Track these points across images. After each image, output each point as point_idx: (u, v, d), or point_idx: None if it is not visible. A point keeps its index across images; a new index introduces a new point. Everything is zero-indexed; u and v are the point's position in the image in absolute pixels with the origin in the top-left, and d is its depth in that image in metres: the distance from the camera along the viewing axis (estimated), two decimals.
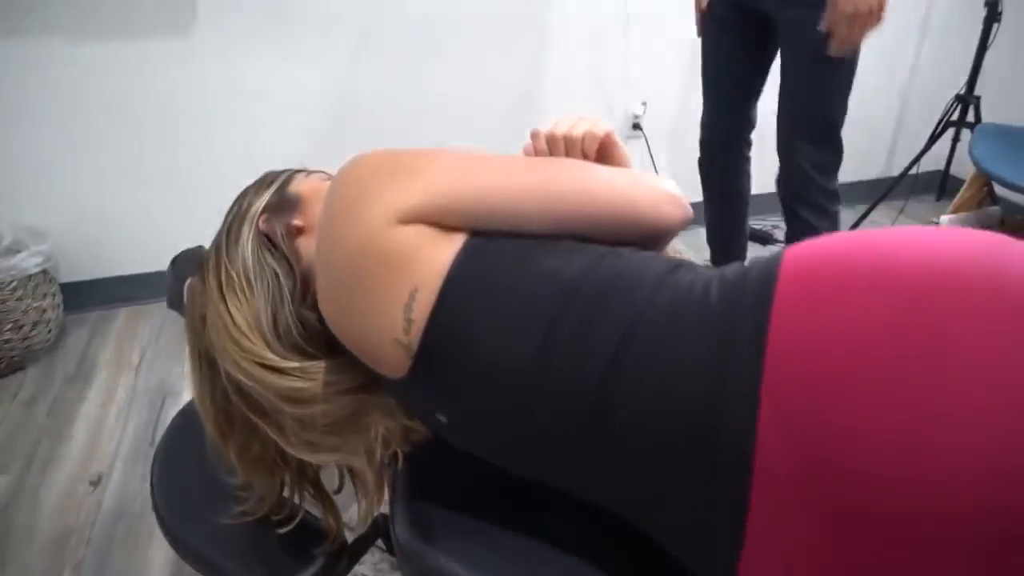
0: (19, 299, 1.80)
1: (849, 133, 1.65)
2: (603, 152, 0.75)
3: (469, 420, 0.67)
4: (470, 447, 0.71)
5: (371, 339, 0.66)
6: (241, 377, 0.70)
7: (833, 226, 1.70)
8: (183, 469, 0.98)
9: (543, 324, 0.60)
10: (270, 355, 0.70)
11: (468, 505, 0.77)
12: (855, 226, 2.49)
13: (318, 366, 0.71)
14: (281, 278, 0.74)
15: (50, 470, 1.57)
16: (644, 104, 2.40)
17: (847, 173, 1.74)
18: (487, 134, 2.28)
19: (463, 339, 0.62)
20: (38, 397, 1.80)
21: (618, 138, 0.75)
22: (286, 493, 0.84)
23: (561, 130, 0.72)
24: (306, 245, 0.78)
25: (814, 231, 1.69)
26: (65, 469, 1.57)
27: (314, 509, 0.85)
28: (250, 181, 0.87)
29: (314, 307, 0.73)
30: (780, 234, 2.54)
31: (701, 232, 2.55)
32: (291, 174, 0.87)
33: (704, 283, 0.60)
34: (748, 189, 1.96)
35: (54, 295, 1.94)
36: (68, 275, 2.06)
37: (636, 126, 2.42)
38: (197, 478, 0.94)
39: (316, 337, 0.73)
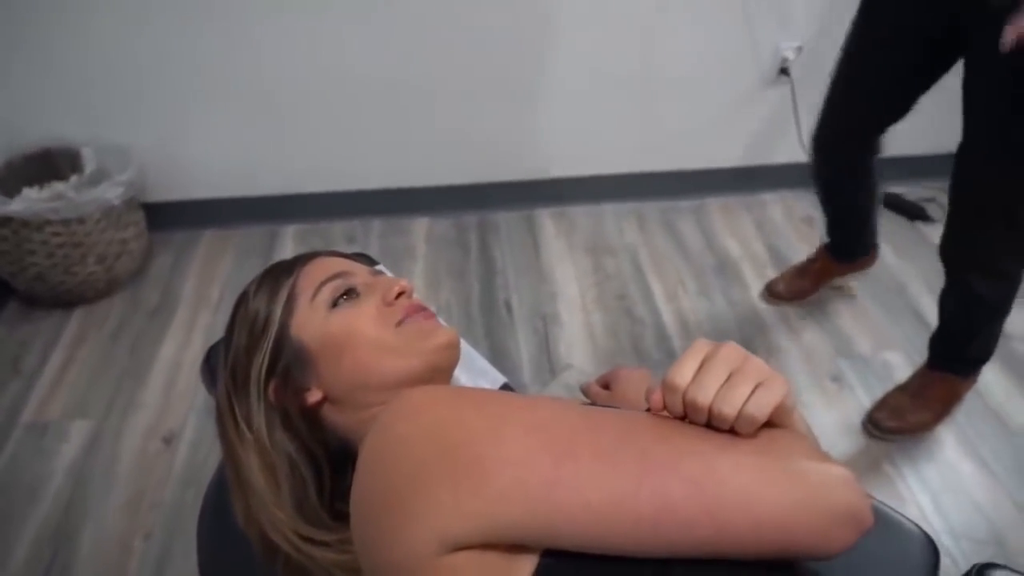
0: (103, 231, 1.76)
1: None
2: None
3: None
4: None
5: None
6: (278, 541, 0.63)
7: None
8: (229, 530, 0.92)
9: None
10: (305, 527, 0.63)
11: None
12: None
13: None
14: (302, 469, 0.65)
15: (128, 419, 1.59)
16: (799, 48, 1.99)
17: None
18: (601, 70, 1.97)
19: None
20: (122, 330, 1.81)
21: (792, 400, 0.49)
22: None
23: (707, 395, 0.47)
24: (331, 415, 0.67)
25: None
26: (141, 420, 1.59)
27: None
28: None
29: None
30: (933, 210, 2.15)
31: None
32: (291, 291, 0.67)
33: None
34: (875, 186, 1.62)
35: (138, 223, 1.90)
36: (154, 195, 2.01)
37: (784, 71, 2.03)
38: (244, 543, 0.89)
39: None
